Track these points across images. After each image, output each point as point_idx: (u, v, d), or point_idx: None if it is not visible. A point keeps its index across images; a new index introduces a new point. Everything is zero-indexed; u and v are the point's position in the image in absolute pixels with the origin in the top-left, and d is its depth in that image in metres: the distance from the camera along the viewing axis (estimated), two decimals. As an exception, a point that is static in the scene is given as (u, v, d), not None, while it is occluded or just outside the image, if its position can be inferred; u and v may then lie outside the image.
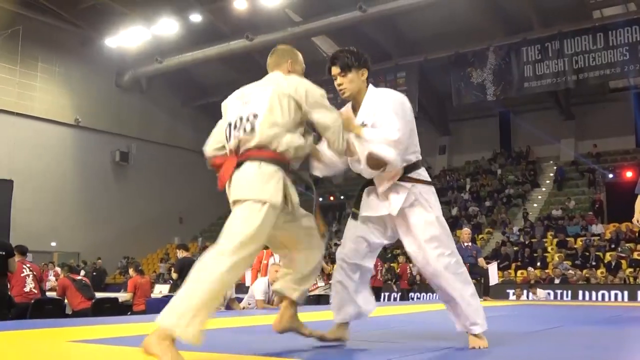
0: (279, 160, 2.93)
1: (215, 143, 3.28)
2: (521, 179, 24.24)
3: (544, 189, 24.04)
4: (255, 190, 2.85)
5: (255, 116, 2.96)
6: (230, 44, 22.54)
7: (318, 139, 3.27)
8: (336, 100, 3.59)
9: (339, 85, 3.36)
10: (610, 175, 21.89)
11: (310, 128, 3.14)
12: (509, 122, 26.32)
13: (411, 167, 3.31)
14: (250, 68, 25.63)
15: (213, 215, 28.88)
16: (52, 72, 23.64)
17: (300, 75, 3.25)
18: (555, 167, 24.76)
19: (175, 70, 24.88)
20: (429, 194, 3.35)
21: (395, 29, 22.77)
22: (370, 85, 3.40)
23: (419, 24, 21.95)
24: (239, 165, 2.93)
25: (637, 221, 5.91)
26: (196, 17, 21.88)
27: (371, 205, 3.36)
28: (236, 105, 3.13)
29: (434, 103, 26.39)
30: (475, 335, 3.29)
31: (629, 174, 20.73)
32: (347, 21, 20.40)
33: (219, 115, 3.20)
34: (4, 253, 7.09)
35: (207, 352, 3.18)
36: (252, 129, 2.94)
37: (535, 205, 23.04)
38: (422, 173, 3.38)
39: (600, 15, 20.65)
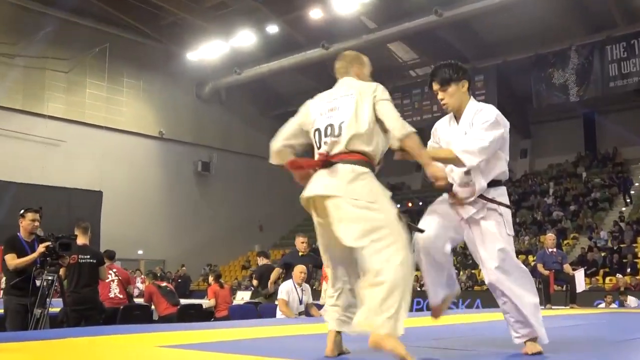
0: (369, 162, 3.10)
1: (284, 138, 3.55)
2: (608, 181, 23.30)
3: (633, 192, 23.00)
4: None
5: (343, 122, 3.12)
6: (307, 54, 22.78)
7: None
8: (431, 108, 3.69)
9: (441, 100, 3.46)
10: None
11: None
12: (594, 123, 25.37)
13: (494, 184, 3.38)
14: (326, 76, 25.74)
15: (291, 222, 29.18)
16: (137, 86, 24.57)
17: (368, 78, 3.38)
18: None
19: (253, 80, 25.36)
20: (507, 214, 3.41)
21: (471, 32, 22.40)
22: (472, 98, 3.48)
23: (496, 26, 21.53)
24: (330, 164, 3.09)
25: None
26: (273, 29, 22.26)
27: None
28: (322, 111, 3.27)
29: (514, 106, 25.74)
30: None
31: None
32: (422, 26, 20.24)
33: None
34: (95, 261, 7.38)
35: (284, 357, 3.23)
36: (341, 133, 3.10)
37: (624, 208, 22.10)
38: (503, 194, 3.43)
39: (690, 9, 19.68)
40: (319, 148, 3.20)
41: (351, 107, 3.12)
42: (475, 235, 3.36)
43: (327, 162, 3.10)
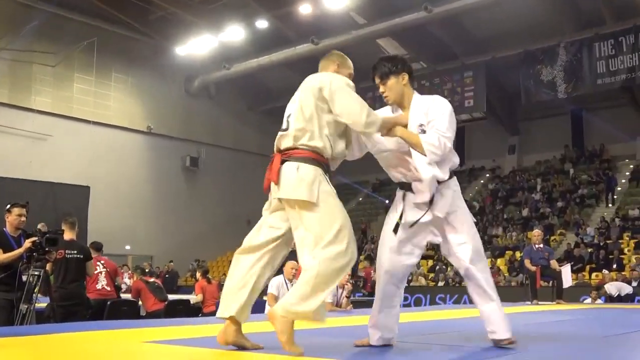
0: (319, 160, 3.13)
1: None
2: (595, 178, 23.45)
3: (619, 189, 23.17)
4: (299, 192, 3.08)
5: (289, 115, 3.21)
6: (296, 49, 22.75)
7: None
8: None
9: (382, 92, 3.48)
10: (691, 174, 20.92)
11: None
12: (582, 120, 25.49)
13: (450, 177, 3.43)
14: (315, 72, 25.83)
15: (281, 218, 29.19)
16: (125, 81, 24.45)
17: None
18: (631, 166, 23.86)
19: (242, 75, 25.30)
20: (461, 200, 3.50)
21: (461, 28, 22.44)
22: (415, 92, 3.48)
23: (485, 23, 21.58)
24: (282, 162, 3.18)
25: None
26: (262, 24, 22.20)
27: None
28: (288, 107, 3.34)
29: (503, 102, 25.86)
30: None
31: None
32: (412, 22, 20.26)
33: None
34: (82, 256, 7.34)
35: (273, 353, 3.23)
36: (288, 127, 3.20)
37: (610, 205, 22.24)
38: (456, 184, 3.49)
39: (678, 7, 19.80)
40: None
41: (297, 101, 3.19)
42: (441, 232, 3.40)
43: (281, 158, 3.20)
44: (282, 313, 3.00)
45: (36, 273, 5.99)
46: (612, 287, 13.89)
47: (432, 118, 3.31)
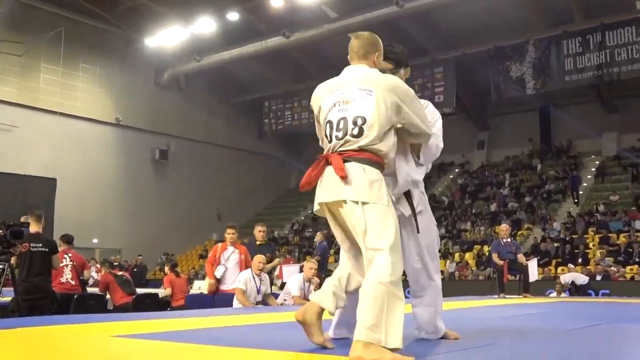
0: (381, 164, 2.98)
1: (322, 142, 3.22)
2: (562, 174, 23.82)
3: (585, 184, 23.58)
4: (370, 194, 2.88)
5: (363, 120, 2.94)
6: (267, 42, 22.65)
7: None
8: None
9: None
10: (655, 170, 21.37)
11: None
12: (549, 116, 25.87)
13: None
14: (287, 65, 25.80)
15: (251, 212, 29.14)
16: (94, 72, 24.08)
17: (381, 70, 3.20)
18: (597, 162, 24.30)
19: (213, 68, 25.12)
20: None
21: (432, 24, 22.58)
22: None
23: (456, 18, 21.72)
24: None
25: None
26: (233, 16, 22.05)
27: None
28: (335, 102, 3.06)
29: (472, 98, 26.11)
30: None
31: (674, 169, 20.22)
32: (383, 17, 20.30)
33: (256, 113, 3.23)
34: (47, 250, 7.23)
35: (242, 347, 3.21)
36: (361, 133, 2.93)
37: (576, 200, 22.62)
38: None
39: (643, 6, 20.15)
40: (330, 141, 3.03)
41: (371, 104, 2.95)
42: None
43: (342, 158, 2.93)
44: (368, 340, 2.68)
45: (0, 266, 5.89)
46: (567, 277, 14.17)
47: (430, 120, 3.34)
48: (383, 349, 2.64)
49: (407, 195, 3.32)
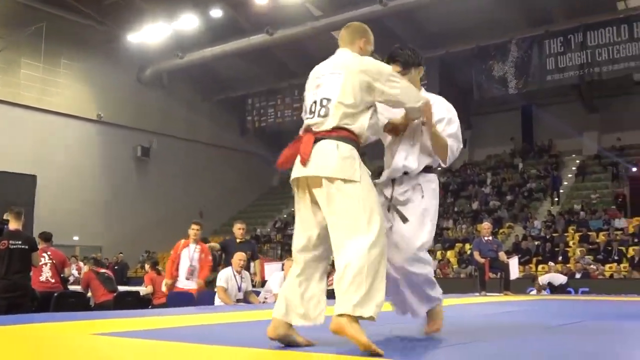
0: (356, 141, 3.01)
1: None
2: (543, 173, 24.03)
3: (566, 183, 23.80)
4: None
5: (328, 100, 3.02)
6: (251, 39, 22.59)
7: None
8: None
9: None
10: (634, 169, 21.59)
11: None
12: (531, 115, 26.07)
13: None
14: (270, 63, 25.75)
15: (233, 209, 29.04)
16: (75, 68, 23.86)
17: (369, 56, 3.25)
18: (578, 161, 24.53)
19: (196, 65, 25.00)
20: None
21: (415, 23, 22.64)
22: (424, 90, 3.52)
23: (439, 17, 21.80)
24: (316, 141, 2.99)
25: None
26: (217, 13, 21.96)
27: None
28: (310, 88, 3.19)
29: (455, 97, 25.84)
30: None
31: (653, 168, 20.47)
32: (367, 15, 20.26)
33: (239, 110, 3.23)
34: (27, 247, 7.16)
35: (223, 345, 3.21)
36: (327, 113, 3.01)
37: (556, 199, 22.82)
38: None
39: (624, 7, 20.36)
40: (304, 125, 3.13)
41: (337, 84, 3.03)
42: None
43: (315, 137, 3.00)
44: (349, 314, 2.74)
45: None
46: (545, 278, 14.28)
47: (447, 118, 3.44)
48: (360, 328, 2.73)
49: (394, 182, 3.39)
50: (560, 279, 14.41)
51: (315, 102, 3.06)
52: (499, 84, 21.13)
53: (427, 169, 3.46)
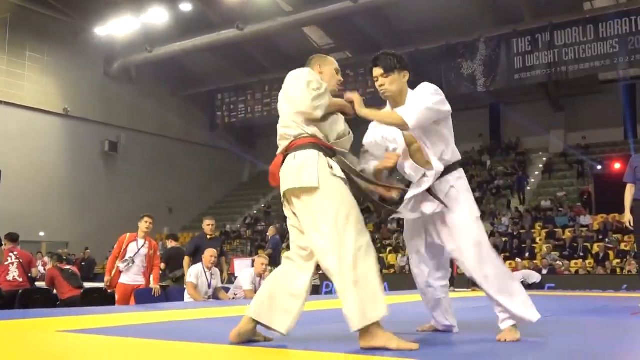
0: (314, 142, 3.11)
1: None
2: (510, 170, 24.32)
3: (533, 180, 24.14)
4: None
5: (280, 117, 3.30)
6: (221, 34, 22.43)
7: None
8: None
9: (381, 86, 3.44)
10: (599, 167, 21.98)
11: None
12: (499, 113, 26.36)
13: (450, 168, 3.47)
14: (240, 58, 25.61)
15: (203, 205, 28.85)
16: (41, 61, 23.44)
17: (329, 78, 3.35)
18: (544, 159, 24.88)
19: (165, 59, 24.74)
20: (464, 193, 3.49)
21: (385, 20, 22.71)
22: (409, 89, 3.48)
23: (409, 15, 21.90)
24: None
25: (629, 222, 6.11)
26: (186, 6, 21.73)
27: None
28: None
29: (424, 94, 26.35)
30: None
31: (617, 166, 20.81)
32: (338, 11, 20.33)
33: (208, 105, 3.21)
34: (-11, 246, 7.02)
35: (194, 342, 3.18)
36: (281, 128, 3.26)
37: (523, 197, 23.10)
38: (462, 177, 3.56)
39: (590, 7, 20.70)
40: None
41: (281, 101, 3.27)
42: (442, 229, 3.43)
43: (282, 157, 3.19)
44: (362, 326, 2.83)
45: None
46: (519, 275, 14.46)
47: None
48: (381, 330, 2.83)
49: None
50: (534, 276, 14.60)
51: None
52: (468, 81, 21.32)
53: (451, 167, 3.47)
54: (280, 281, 3.08)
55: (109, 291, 8.22)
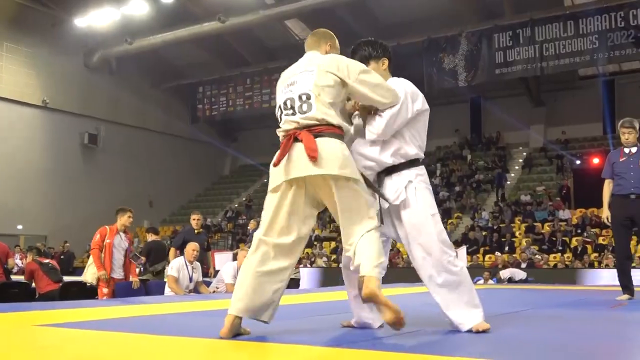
0: (341, 135, 3.10)
1: None
2: (491, 164, 24.48)
3: (513, 175, 24.31)
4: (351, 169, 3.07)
5: (308, 97, 3.06)
6: (202, 26, 22.29)
7: None
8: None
9: None
10: (578, 162, 22.21)
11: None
12: (480, 108, 26.51)
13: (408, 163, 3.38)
14: (222, 50, 25.47)
15: (183, 198, 28.73)
16: (19, 52, 23.14)
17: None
18: (524, 153, 25.07)
19: (146, 51, 24.53)
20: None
21: (368, 13, 22.71)
22: (391, 77, 3.49)
23: (392, 9, 21.93)
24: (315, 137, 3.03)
25: (607, 218, 6.18)
26: (167, -2, 21.57)
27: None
28: (283, 88, 3.21)
29: (406, 88, 26.40)
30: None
31: (595, 161, 21.05)
32: (320, 4, 20.29)
33: (189, 98, 3.17)
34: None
35: (175, 335, 3.16)
36: (310, 108, 3.05)
37: (501, 194, 23.25)
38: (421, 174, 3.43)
39: (571, 4, 20.85)
40: (282, 123, 3.15)
41: (312, 81, 3.08)
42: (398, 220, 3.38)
43: (296, 137, 3.03)
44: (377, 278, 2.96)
45: None
46: (506, 272, 14.57)
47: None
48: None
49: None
50: (520, 274, 14.72)
51: (291, 99, 3.10)
52: (450, 76, 21.39)
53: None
54: (260, 272, 3.06)
55: (92, 285, 8.13)
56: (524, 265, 16.38)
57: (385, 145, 3.34)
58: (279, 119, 3.16)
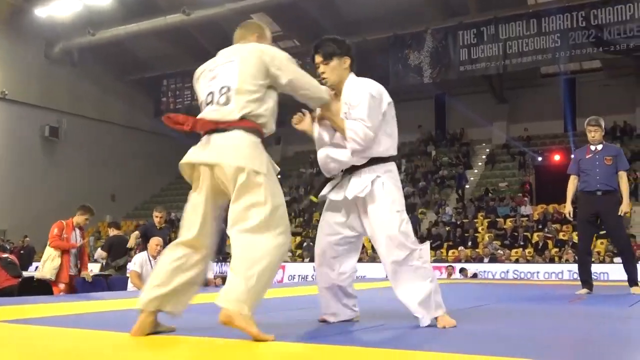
0: (259, 131, 2.97)
1: None
2: (455, 160, 24.73)
3: (476, 171, 24.60)
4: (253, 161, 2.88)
5: (228, 88, 2.95)
6: (167, 18, 22.03)
7: None
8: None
9: (322, 73, 3.41)
10: (540, 159, 22.58)
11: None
12: (444, 104, 26.75)
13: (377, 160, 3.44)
14: (186, 43, 25.17)
15: (147, 192, 28.40)
16: (-23, 41, 22.60)
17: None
18: (487, 150, 25.39)
19: (109, 43, 24.12)
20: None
21: (334, 9, 22.71)
22: (352, 75, 3.47)
23: (358, 4, 21.95)
24: (221, 130, 2.91)
25: (569, 213, 6.29)
26: (131, -11, 21.27)
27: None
28: (204, 82, 3.12)
29: (372, 84, 26.48)
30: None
31: (557, 157, 21.46)
32: (286, -1, 20.22)
33: (153, 91, 3.11)
34: None
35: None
36: (228, 100, 2.93)
37: (467, 186, 23.56)
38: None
39: (534, 2, 21.15)
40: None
41: (234, 71, 2.97)
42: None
43: (214, 129, 2.93)
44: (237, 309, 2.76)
45: None
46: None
47: (353, 104, 3.31)
48: (250, 319, 2.75)
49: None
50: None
51: (212, 93, 3.01)
52: (415, 72, 21.53)
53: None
54: (182, 268, 3.06)
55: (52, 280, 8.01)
56: (486, 260, 16.61)
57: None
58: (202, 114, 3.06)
